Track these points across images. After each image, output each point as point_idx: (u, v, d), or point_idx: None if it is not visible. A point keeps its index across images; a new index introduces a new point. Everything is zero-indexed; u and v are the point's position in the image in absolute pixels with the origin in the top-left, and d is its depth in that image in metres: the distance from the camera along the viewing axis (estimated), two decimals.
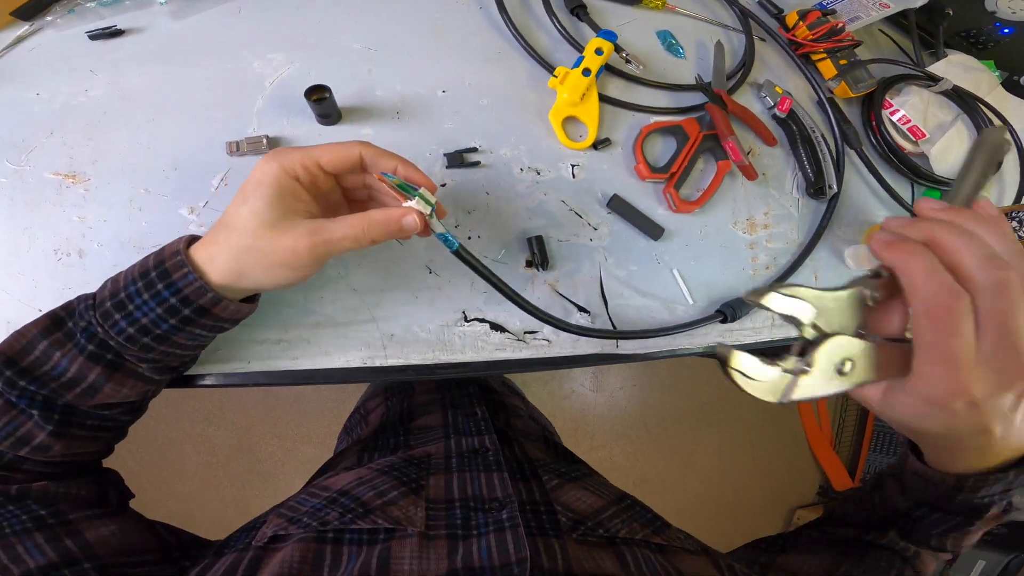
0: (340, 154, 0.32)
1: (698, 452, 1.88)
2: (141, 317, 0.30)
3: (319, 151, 0.32)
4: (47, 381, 0.31)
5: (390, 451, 0.50)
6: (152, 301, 0.30)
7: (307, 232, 0.31)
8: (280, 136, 0.45)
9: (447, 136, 0.47)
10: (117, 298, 0.31)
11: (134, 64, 0.45)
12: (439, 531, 0.34)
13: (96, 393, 0.32)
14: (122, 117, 0.43)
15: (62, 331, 0.31)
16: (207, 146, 0.43)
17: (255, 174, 0.32)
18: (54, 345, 0.31)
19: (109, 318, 0.31)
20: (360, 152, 0.33)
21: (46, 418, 0.31)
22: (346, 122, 0.46)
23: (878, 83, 0.52)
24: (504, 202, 0.46)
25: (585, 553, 0.32)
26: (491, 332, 0.46)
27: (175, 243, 0.32)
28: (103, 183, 0.42)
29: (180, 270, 0.30)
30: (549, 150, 0.48)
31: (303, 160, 0.32)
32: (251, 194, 0.31)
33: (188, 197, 0.42)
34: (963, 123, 0.54)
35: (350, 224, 0.31)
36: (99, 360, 0.31)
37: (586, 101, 0.47)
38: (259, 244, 0.30)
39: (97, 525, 0.33)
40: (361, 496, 0.36)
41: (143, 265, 0.32)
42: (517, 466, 0.44)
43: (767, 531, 0.50)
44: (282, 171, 0.31)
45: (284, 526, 0.33)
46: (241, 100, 0.45)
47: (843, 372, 0.26)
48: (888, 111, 0.53)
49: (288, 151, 0.32)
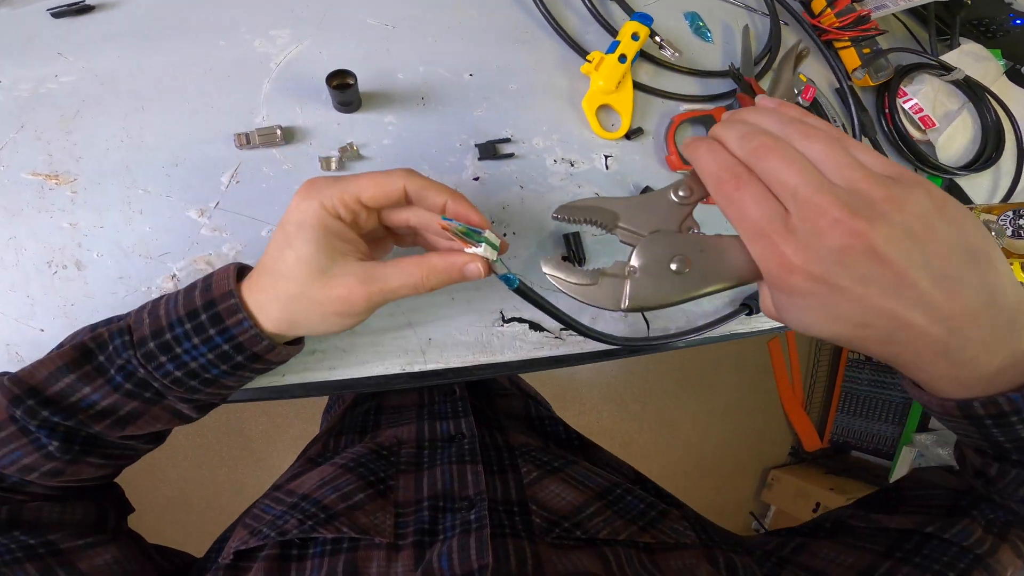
0: (383, 188, 0.29)
1: (680, 416, 1.95)
2: (190, 361, 0.29)
3: (359, 184, 0.29)
4: (74, 412, 0.29)
5: (358, 432, 0.48)
6: (204, 346, 0.28)
7: (361, 280, 0.29)
8: (294, 126, 0.40)
9: (477, 124, 0.44)
10: (162, 338, 0.28)
11: (110, 44, 0.39)
12: (407, 539, 0.33)
13: (127, 426, 0.30)
14: (103, 106, 0.37)
15: (92, 364, 0.28)
16: (210, 138, 0.38)
17: (294, 214, 0.29)
18: (83, 379, 0.28)
19: (153, 359, 0.28)
20: (404, 186, 0.29)
21: (65, 449, 0.29)
22: (367, 109, 0.42)
23: (894, 71, 0.53)
24: (537, 196, 0.44)
25: (560, 556, 0.31)
26: (529, 331, 0.45)
27: (223, 280, 0.29)
28: (91, 183, 0.36)
29: (234, 315, 0.28)
30: (582, 140, 0.46)
31: (342, 196, 0.28)
32: (295, 237, 0.28)
33: (195, 197, 0.38)
34: (968, 112, 0.55)
35: (408, 272, 0.29)
36: (136, 397, 0.29)
37: (621, 89, 0.45)
38: (310, 293, 0.28)
39: (92, 555, 0.31)
40: (323, 499, 0.35)
41: (189, 303, 0.29)
42: (495, 455, 0.42)
43: (743, 492, 0.48)
44: (323, 210, 0.28)
45: (246, 539, 0.33)
46: (244, 84, 0.40)
47: (678, 270, 0.26)
48: (902, 99, 0.54)
49: (325, 185, 0.29)
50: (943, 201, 0.24)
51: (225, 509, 1.55)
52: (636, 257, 0.27)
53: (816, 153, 0.25)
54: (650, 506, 0.38)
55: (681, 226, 0.28)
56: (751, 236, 0.26)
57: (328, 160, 0.40)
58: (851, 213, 0.23)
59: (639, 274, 0.27)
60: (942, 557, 0.32)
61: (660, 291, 0.27)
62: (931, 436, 1.62)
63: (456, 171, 0.43)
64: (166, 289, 0.37)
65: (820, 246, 0.23)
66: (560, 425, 0.54)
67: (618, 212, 0.28)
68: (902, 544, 0.34)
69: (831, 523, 0.39)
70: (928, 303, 0.23)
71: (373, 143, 0.41)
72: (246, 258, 0.38)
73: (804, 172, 0.24)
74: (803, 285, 0.24)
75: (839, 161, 0.24)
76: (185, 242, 0.37)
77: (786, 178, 0.24)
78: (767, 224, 0.25)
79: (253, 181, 0.39)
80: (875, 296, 0.23)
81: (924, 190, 0.24)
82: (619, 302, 0.27)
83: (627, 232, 0.28)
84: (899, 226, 0.23)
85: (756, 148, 0.25)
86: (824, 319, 0.25)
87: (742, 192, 0.25)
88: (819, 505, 1.78)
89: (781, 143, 0.25)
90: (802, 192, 0.24)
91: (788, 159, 0.25)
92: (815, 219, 0.23)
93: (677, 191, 0.28)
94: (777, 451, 2.10)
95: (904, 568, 0.32)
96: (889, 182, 0.24)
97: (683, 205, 0.28)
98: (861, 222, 0.23)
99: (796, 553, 0.36)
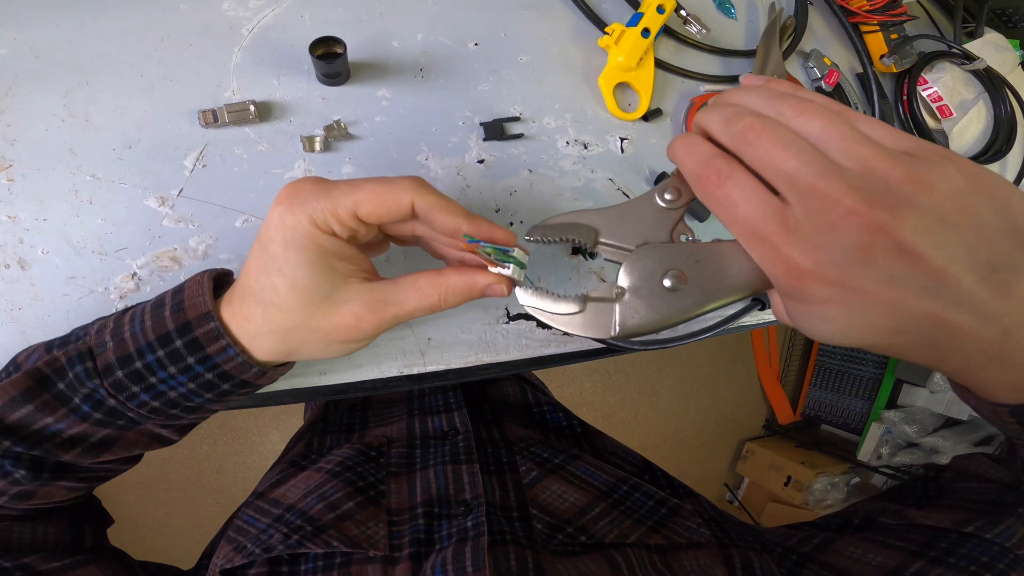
0: (385, 204, 0.24)
1: (661, 387, 1.95)
2: (168, 391, 0.25)
3: (356, 197, 0.23)
4: (38, 441, 0.25)
5: (344, 431, 0.45)
6: (182, 375, 0.25)
7: (371, 306, 0.25)
8: (271, 100, 0.35)
9: (482, 101, 0.39)
10: (131, 367, 0.24)
11: (46, 11, 0.33)
12: (403, 551, 0.31)
13: (101, 454, 0.27)
14: (40, 82, 0.32)
15: (50, 393, 0.25)
16: (170, 116, 0.33)
17: (278, 232, 0.23)
18: (42, 409, 0.25)
19: (124, 390, 0.25)
20: (412, 202, 0.24)
21: (33, 476, 0.26)
22: (356, 81, 0.37)
23: (917, 58, 0.50)
24: (548, 180, 0.40)
25: (565, 564, 0.30)
26: (536, 329, 0.41)
27: (196, 297, 0.25)
28: (30, 170, 0.31)
29: (216, 342, 0.24)
30: (597, 120, 0.42)
31: (335, 211, 0.23)
32: (284, 261, 0.24)
33: (154, 183, 0.33)
34: (984, 103, 0.54)
35: (424, 293, 0.25)
36: (107, 425, 0.26)
37: (642, 66, 0.41)
38: (311, 323, 0.25)
39: None
40: (309, 511, 0.33)
41: (159, 324, 0.25)
42: (492, 452, 0.40)
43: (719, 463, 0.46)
44: (314, 227, 0.23)
45: (231, 556, 0.31)
46: (211, 54, 0.34)
47: (672, 287, 0.23)
48: (921, 87, 0.51)
49: (311, 194, 0.23)
50: (977, 175, 0.20)
51: (206, 488, 1.50)
52: (623, 276, 0.24)
53: (816, 131, 0.20)
54: (660, 503, 0.36)
55: (672, 234, 0.24)
56: (747, 239, 0.22)
57: (311, 140, 0.35)
58: (868, 201, 0.19)
59: (628, 296, 0.24)
60: (980, 557, 0.29)
61: (655, 313, 0.24)
62: (899, 413, 1.68)
63: (459, 153, 0.38)
64: (125, 290, 0.32)
65: (832, 244, 0.19)
66: (560, 412, 0.51)
67: (597, 226, 0.25)
68: (937, 543, 0.30)
69: (860, 518, 0.35)
70: (976, 301, 0.19)
71: (364, 120, 0.36)
72: (218, 253, 0.33)
73: (803, 154, 0.20)
74: (818, 292, 0.20)
75: (845, 137, 0.20)
76: (145, 235, 0.32)
77: (781, 163, 0.20)
78: (762, 223, 0.20)
79: (223, 164, 0.33)
80: (909, 299, 0.19)
81: (953, 164, 0.19)
82: (609, 329, 0.24)
83: (611, 248, 0.25)
84: (928, 212, 0.19)
85: (742, 131, 0.21)
86: (849, 328, 0.21)
87: (727, 187, 0.21)
88: (790, 479, 1.84)
89: (771, 123, 0.21)
90: (803, 179, 0.20)
91: (782, 140, 0.20)
92: (823, 211, 0.19)
93: (663, 194, 0.24)
94: (752, 423, 2.13)
95: (937, 569, 0.29)
96: (909, 159, 0.19)
97: (672, 210, 0.24)
98: (881, 211, 0.18)
99: (819, 550, 0.33)
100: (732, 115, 0.22)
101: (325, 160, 0.35)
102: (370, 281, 0.25)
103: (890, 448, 1.72)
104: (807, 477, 1.79)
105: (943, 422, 1.65)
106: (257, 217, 0.34)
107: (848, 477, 1.84)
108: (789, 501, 1.85)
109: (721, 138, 0.22)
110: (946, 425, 1.65)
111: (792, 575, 0.32)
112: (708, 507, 0.38)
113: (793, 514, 1.84)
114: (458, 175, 0.38)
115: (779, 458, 1.90)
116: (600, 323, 0.24)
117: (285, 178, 0.35)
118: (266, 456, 1.53)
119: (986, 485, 0.33)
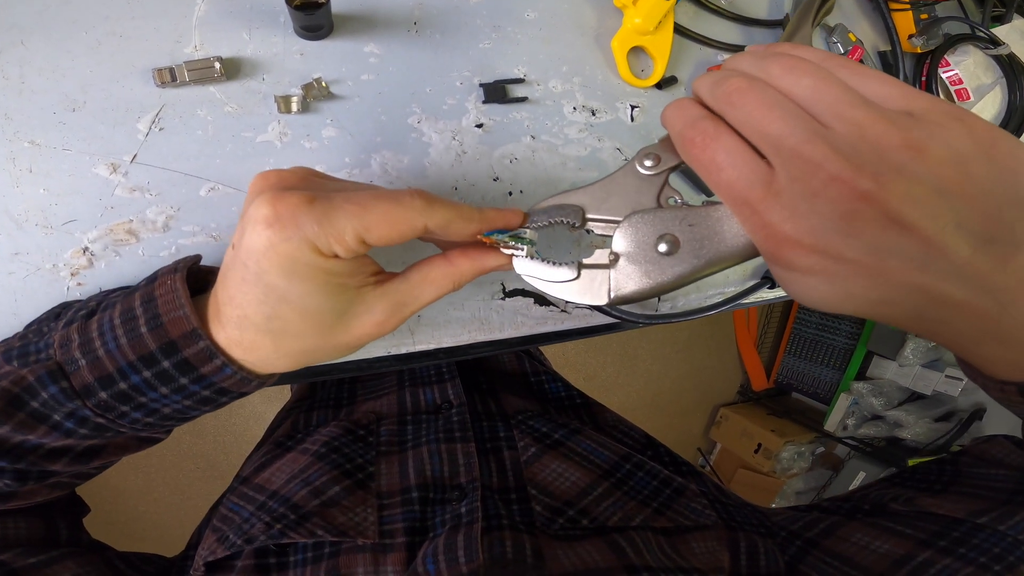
0: (397, 228, 0.21)
1: (642, 350, 1.96)
2: (161, 408, 0.24)
3: (364, 221, 0.21)
4: (21, 455, 0.24)
5: (331, 407, 0.43)
6: (176, 395, 0.23)
7: (390, 311, 0.24)
8: (240, 56, 0.30)
9: (482, 60, 0.35)
10: (114, 388, 0.22)
11: None
12: (396, 538, 0.30)
13: (90, 461, 0.26)
14: None
15: (25, 412, 0.23)
16: (118, 76, 0.29)
17: (271, 261, 0.20)
18: (19, 428, 0.23)
19: (111, 410, 0.23)
20: (425, 225, 0.22)
21: (19, 484, 0.25)
22: (339, 35, 0.32)
23: (943, 40, 0.48)
24: (551, 149, 0.37)
25: (566, 549, 0.29)
26: (534, 306, 0.39)
27: (176, 311, 0.22)
28: None
29: (210, 362, 0.23)
30: (607, 86, 0.38)
31: (340, 237, 0.20)
32: (286, 290, 0.21)
33: (103, 149, 0.28)
34: (1000, 88, 0.53)
35: (438, 285, 0.24)
36: (94, 437, 0.24)
37: (660, 30, 0.37)
38: (332, 342, 0.23)
39: (47, 574, 0.27)
40: (293, 497, 0.31)
41: (137, 344, 0.22)
42: (488, 426, 0.39)
43: (694, 428, 0.46)
44: (317, 255, 0.20)
45: (214, 548, 0.30)
46: (169, 6, 0.30)
47: (667, 251, 0.23)
48: (942, 69, 0.50)
49: (307, 215, 0.20)
50: (991, 138, 0.18)
51: (186, 453, 1.47)
52: (617, 243, 0.24)
53: (805, 91, 0.19)
54: (664, 483, 0.35)
55: (660, 199, 0.24)
56: (730, 203, 0.21)
57: (287, 100, 0.30)
58: (854, 168, 0.17)
59: (623, 262, 0.24)
60: (992, 549, 0.28)
61: (648, 278, 0.23)
62: (867, 385, 1.73)
63: (455, 116, 0.34)
64: (77, 267, 0.28)
65: (814, 212, 0.18)
66: (559, 382, 0.49)
67: (583, 204, 0.25)
68: (948, 532, 0.29)
69: (871, 503, 0.34)
70: (970, 274, 0.18)
71: (348, 79, 0.32)
72: (181, 224, 0.30)
73: (788, 116, 0.19)
74: (800, 260, 0.19)
75: (836, 98, 0.19)
76: (96, 206, 0.28)
77: (766, 126, 0.19)
78: (745, 188, 0.20)
79: (185, 128, 0.29)
80: (896, 270, 0.18)
81: (963, 126, 0.18)
82: (603, 296, 0.24)
83: (601, 223, 0.25)
84: (923, 180, 0.17)
85: (727, 92, 0.20)
86: (830, 297, 0.20)
87: (710, 149, 0.20)
88: (760, 446, 1.90)
89: (758, 83, 0.20)
90: (787, 143, 0.19)
91: (766, 101, 0.19)
92: (806, 178, 0.18)
93: (643, 161, 0.24)
94: (728, 389, 2.17)
95: (945, 559, 0.28)
96: (908, 121, 0.18)
97: (655, 176, 0.24)
98: (866, 180, 0.17)
99: (824, 536, 0.32)
100: (721, 77, 0.21)
101: (304, 122, 0.31)
102: (382, 284, 0.24)
103: (856, 420, 1.79)
104: (776, 445, 1.85)
105: (908, 396, 1.71)
106: (225, 185, 0.30)
107: (814, 447, 1.91)
108: (758, 468, 1.92)
109: (708, 100, 0.21)
110: (910, 399, 1.71)
111: (796, 561, 0.31)
112: (712, 487, 0.37)
113: (761, 481, 1.91)
114: (454, 140, 0.34)
115: (751, 425, 1.95)
116: (595, 289, 0.24)
117: (257, 142, 0.31)
118: (247, 419, 1.50)
119: (1004, 472, 0.32)
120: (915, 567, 0.28)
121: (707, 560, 0.30)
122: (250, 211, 0.20)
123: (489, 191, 0.36)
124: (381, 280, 0.24)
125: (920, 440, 1.61)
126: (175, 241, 0.30)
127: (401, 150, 0.33)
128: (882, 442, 1.74)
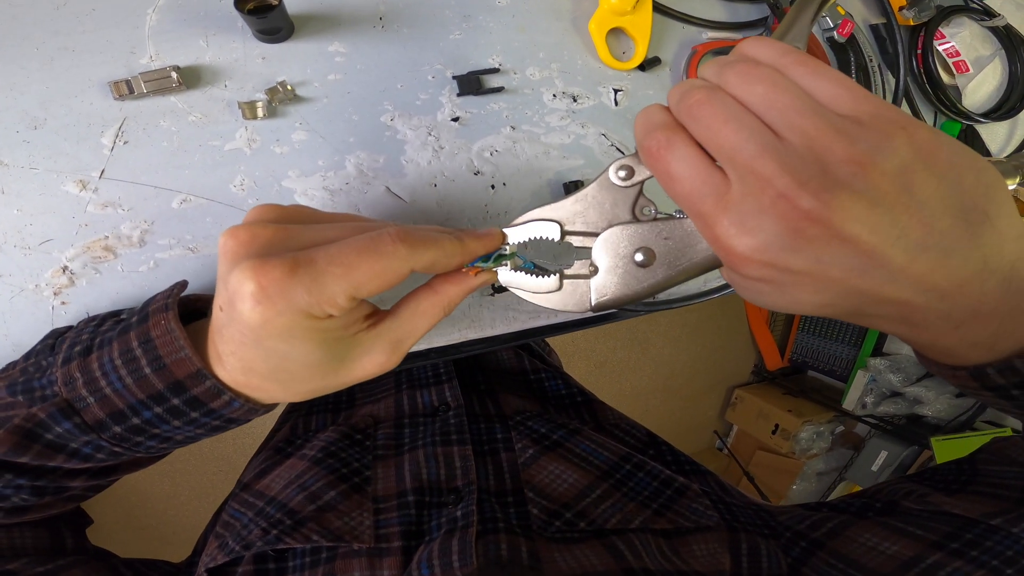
0: (384, 279, 0.21)
1: (652, 334, 1.93)
2: (175, 435, 0.25)
3: (352, 280, 0.20)
4: (40, 475, 0.25)
5: (329, 411, 0.43)
6: (189, 426, 0.25)
7: (388, 349, 0.25)
8: (199, 64, 0.30)
9: (454, 51, 0.34)
10: (128, 423, 0.24)
11: None
12: (392, 542, 0.30)
13: (109, 476, 0.28)
14: None
15: (41, 443, 0.24)
16: (75, 90, 0.29)
17: (268, 332, 0.20)
18: (40, 456, 0.24)
19: (127, 440, 0.24)
20: (411, 269, 0.22)
21: (36, 497, 0.26)
22: (301, 35, 0.31)
23: (936, 12, 0.46)
24: (533, 139, 0.36)
25: (563, 552, 0.28)
26: (523, 300, 0.38)
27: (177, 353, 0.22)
28: None
29: (219, 398, 0.24)
30: (588, 70, 0.37)
31: (332, 300, 0.20)
32: (288, 349, 0.22)
33: (70, 166, 0.28)
34: (1000, 60, 0.51)
35: (429, 315, 0.25)
36: (113, 458, 0.26)
37: (638, 10, 0.36)
38: (337, 382, 0.24)
39: None
40: (289, 503, 0.32)
41: (144, 384, 0.23)
42: (486, 428, 0.38)
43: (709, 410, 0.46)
44: (311, 320, 0.21)
45: (215, 554, 0.31)
46: (119, 17, 0.29)
47: (643, 262, 0.24)
48: (938, 42, 0.48)
49: (295, 283, 0.20)
50: (933, 147, 0.19)
51: (207, 456, 1.50)
52: (596, 255, 0.25)
53: (757, 98, 0.19)
54: (665, 483, 0.34)
55: (634, 211, 0.25)
56: (688, 213, 0.21)
57: (252, 106, 0.30)
58: (798, 186, 0.18)
59: (602, 272, 0.25)
60: (1005, 552, 0.27)
61: (627, 289, 0.25)
62: (885, 361, 1.69)
63: (429, 111, 0.34)
64: (58, 286, 0.29)
65: (762, 229, 0.19)
66: (559, 379, 0.48)
67: (559, 219, 0.25)
68: (961, 534, 0.28)
69: (883, 501, 0.33)
70: (905, 278, 0.19)
71: (315, 80, 0.31)
72: (156, 238, 0.30)
73: (742, 129, 0.19)
74: (750, 271, 0.20)
75: (787, 105, 0.19)
76: (70, 224, 0.28)
77: (721, 139, 0.19)
78: (697, 199, 0.20)
79: (150, 140, 0.29)
80: (838, 278, 0.19)
81: (905, 136, 0.18)
82: (584, 304, 0.26)
83: (579, 236, 0.25)
84: (862, 194, 0.18)
85: (688, 105, 0.20)
86: (782, 302, 0.21)
87: (665, 160, 0.21)
88: (778, 427, 1.88)
89: (716, 94, 0.20)
90: (740, 157, 0.19)
91: (722, 114, 0.19)
92: (756, 194, 0.19)
93: (616, 172, 0.25)
94: (741, 369, 2.13)
95: (955, 562, 0.27)
96: (855, 131, 0.18)
97: (629, 187, 0.25)
98: (808, 198, 0.18)
99: (831, 536, 0.31)
100: (687, 88, 0.21)
101: (272, 127, 0.31)
102: (376, 325, 0.24)
103: (875, 397, 1.75)
104: (794, 426, 1.82)
105: (926, 372, 1.67)
106: (197, 196, 0.30)
107: (833, 426, 1.87)
108: (776, 450, 1.90)
109: (674, 112, 0.22)
110: (929, 375, 1.67)
111: (799, 563, 0.31)
112: (716, 486, 0.37)
113: (781, 463, 1.89)
114: (430, 136, 0.34)
115: (767, 406, 1.92)
116: (576, 299, 0.26)
117: (226, 150, 0.30)
118: (264, 420, 1.49)
119: (1019, 470, 0.31)
120: (924, 569, 0.27)
121: (708, 563, 0.30)
122: (232, 283, 0.20)
123: (470, 186, 0.35)
124: (375, 321, 0.24)
125: (942, 417, 1.57)
126: (152, 255, 0.30)
127: (376, 149, 0.33)
128: (902, 420, 1.70)
